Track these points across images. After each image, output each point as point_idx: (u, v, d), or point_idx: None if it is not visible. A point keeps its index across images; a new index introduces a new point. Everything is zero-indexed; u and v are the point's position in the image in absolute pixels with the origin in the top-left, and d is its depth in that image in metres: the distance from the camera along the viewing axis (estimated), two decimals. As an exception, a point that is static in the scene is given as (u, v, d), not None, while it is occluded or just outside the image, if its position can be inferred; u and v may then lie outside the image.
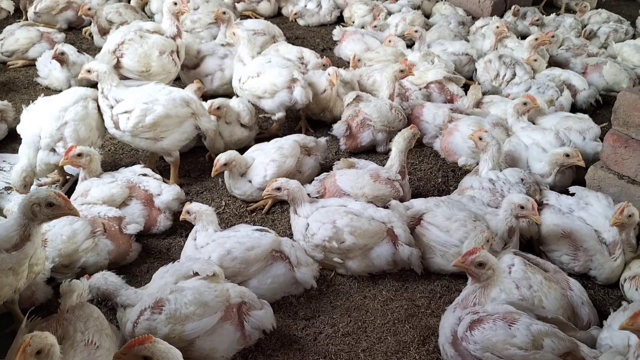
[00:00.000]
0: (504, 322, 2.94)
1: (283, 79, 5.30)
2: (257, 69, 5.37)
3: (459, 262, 3.14)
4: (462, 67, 7.01)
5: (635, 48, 7.28)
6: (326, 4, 8.69)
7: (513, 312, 3.02)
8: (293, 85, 5.36)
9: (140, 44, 5.39)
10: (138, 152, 5.25)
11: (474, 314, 3.04)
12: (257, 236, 3.67)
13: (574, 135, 5.02)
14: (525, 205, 3.77)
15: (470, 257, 3.10)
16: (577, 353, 2.90)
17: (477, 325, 2.97)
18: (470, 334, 2.97)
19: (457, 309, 3.15)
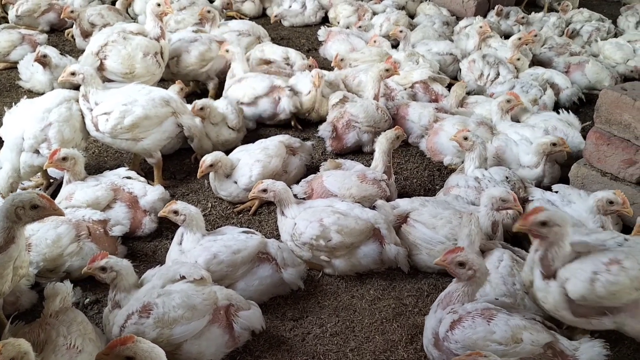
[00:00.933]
0: (482, 319, 2.97)
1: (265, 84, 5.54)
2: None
3: (440, 261, 3.15)
4: (447, 67, 7.05)
5: (616, 46, 7.38)
6: (311, 5, 8.70)
7: (491, 308, 3.04)
8: (279, 95, 5.52)
9: (123, 45, 5.35)
10: (122, 155, 5.21)
11: (454, 313, 3.06)
12: (244, 238, 3.66)
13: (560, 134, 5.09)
14: (505, 198, 3.81)
15: (451, 256, 3.11)
16: (556, 346, 2.93)
17: (457, 324, 2.99)
18: (451, 333, 2.99)
19: (438, 309, 3.16)
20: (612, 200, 3.72)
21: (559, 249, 3.04)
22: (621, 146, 4.24)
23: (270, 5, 8.95)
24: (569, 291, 2.95)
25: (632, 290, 2.91)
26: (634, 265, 2.91)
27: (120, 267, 3.20)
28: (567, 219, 3.07)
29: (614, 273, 2.90)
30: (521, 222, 3.13)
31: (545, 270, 3.06)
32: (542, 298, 3.09)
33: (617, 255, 2.96)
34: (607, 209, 3.75)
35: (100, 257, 3.20)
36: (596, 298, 2.91)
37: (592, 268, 2.94)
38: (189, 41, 5.97)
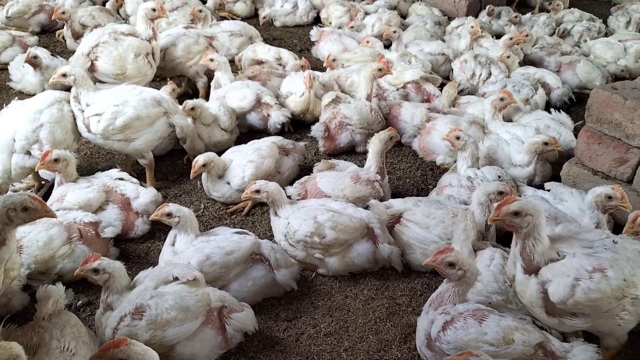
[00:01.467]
0: (474, 320, 2.96)
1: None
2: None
3: (430, 261, 3.15)
4: (439, 67, 7.07)
5: (607, 45, 7.42)
6: (303, 5, 8.70)
7: (483, 309, 3.05)
8: (268, 112, 5.54)
9: (115, 46, 5.33)
10: (114, 156, 5.19)
11: (446, 314, 3.06)
12: (237, 239, 3.65)
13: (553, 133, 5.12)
14: (503, 190, 3.84)
15: (441, 256, 3.11)
16: (547, 346, 2.94)
17: (449, 325, 2.99)
18: (443, 334, 2.99)
19: (430, 310, 3.16)
20: (610, 196, 3.73)
21: (535, 241, 3.02)
22: (612, 145, 4.26)
23: (262, 5, 8.94)
24: (550, 293, 2.93)
25: (613, 300, 2.90)
26: (618, 275, 2.89)
27: (113, 268, 3.18)
28: (540, 209, 3.05)
29: (596, 281, 2.87)
30: (494, 213, 3.12)
31: (527, 265, 3.05)
32: (521, 292, 3.09)
33: (602, 262, 2.93)
34: (606, 204, 3.75)
35: (92, 259, 3.19)
36: (575, 304, 2.89)
37: (574, 274, 2.91)
38: (176, 35, 5.95)
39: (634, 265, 2.95)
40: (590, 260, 2.96)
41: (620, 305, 2.93)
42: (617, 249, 3.02)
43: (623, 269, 2.92)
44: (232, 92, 5.57)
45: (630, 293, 2.92)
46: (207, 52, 5.73)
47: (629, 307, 2.95)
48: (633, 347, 3.50)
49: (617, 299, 2.91)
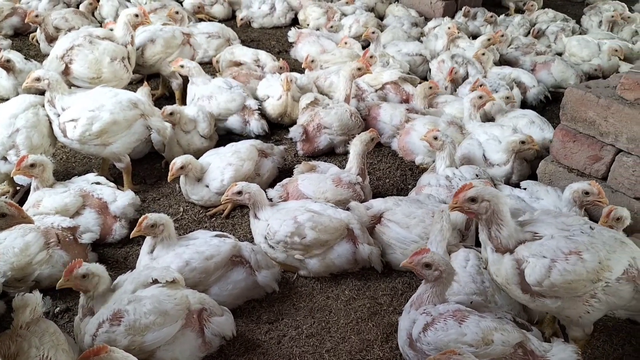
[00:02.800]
0: (454, 321, 2.97)
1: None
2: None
3: (406, 263, 3.16)
4: (417, 67, 7.13)
5: (583, 43, 7.53)
6: (280, 6, 8.68)
7: (463, 309, 3.05)
8: (248, 118, 5.54)
9: (90, 50, 5.25)
10: (91, 160, 5.13)
11: (427, 315, 3.07)
12: (216, 243, 3.62)
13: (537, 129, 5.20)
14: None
15: (417, 257, 3.12)
16: (526, 345, 2.95)
17: (430, 327, 3.00)
18: (424, 335, 3.00)
19: (411, 310, 3.18)
20: (587, 191, 3.79)
21: (499, 226, 3.04)
22: (587, 143, 4.34)
23: (239, 7, 8.91)
24: (527, 275, 2.96)
25: (589, 283, 2.93)
26: (594, 258, 2.93)
27: (100, 271, 3.14)
28: (498, 195, 3.07)
29: (571, 263, 2.91)
30: (453, 201, 3.16)
31: (497, 248, 3.08)
32: (495, 272, 3.10)
33: (578, 246, 2.96)
34: (583, 200, 3.81)
35: (76, 265, 3.11)
36: (551, 285, 2.93)
37: (551, 255, 2.94)
38: (153, 31, 5.88)
39: (610, 250, 2.98)
40: (568, 242, 2.98)
41: (594, 289, 2.97)
42: (594, 234, 3.05)
43: (599, 252, 2.95)
44: (220, 95, 5.50)
45: (605, 277, 2.95)
46: (177, 59, 5.66)
47: (601, 295, 2.99)
48: (635, 336, 3.60)
49: (592, 282, 2.94)
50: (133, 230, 3.58)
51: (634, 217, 3.99)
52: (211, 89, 5.55)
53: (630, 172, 4.10)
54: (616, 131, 4.11)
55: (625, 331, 3.66)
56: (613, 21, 8.56)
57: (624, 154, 4.14)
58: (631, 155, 4.09)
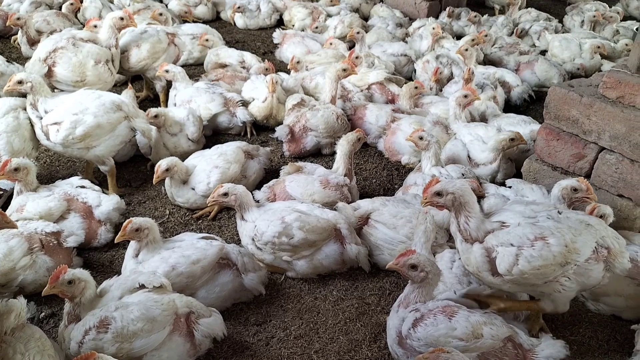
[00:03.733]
0: (444, 316, 3.01)
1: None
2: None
3: (392, 265, 3.18)
4: (402, 67, 7.15)
5: (564, 44, 7.60)
6: (265, 7, 8.67)
7: (452, 305, 3.09)
8: (234, 110, 5.54)
9: (74, 52, 5.20)
10: (75, 164, 5.08)
11: (416, 312, 3.10)
12: (203, 246, 3.59)
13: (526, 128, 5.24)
14: (472, 188, 3.88)
15: (403, 259, 3.15)
16: (515, 339, 3.01)
17: (420, 322, 3.03)
18: (414, 330, 3.03)
19: (399, 309, 3.20)
20: (576, 188, 3.82)
21: (467, 218, 3.12)
22: (570, 141, 4.38)
23: (224, 9, 8.88)
24: (497, 265, 3.02)
25: (557, 267, 2.99)
26: (559, 242, 2.97)
27: (86, 277, 3.11)
28: (463, 187, 3.13)
29: (538, 249, 2.96)
30: (423, 196, 3.24)
31: (466, 239, 3.15)
32: (466, 261, 3.17)
33: (543, 231, 3.01)
34: (572, 196, 3.84)
35: (62, 271, 3.06)
36: (520, 273, 2.98)
37: (517, 242, 2.99)
38: (138, 33, 5.83)
39: (575, 233, 3.03)
40: (533, 229, 3.03)
41: (564, 272, 3.03)
42: (561, 219, 3.11)
43: (564, 236, 3.00)
44: (199, 97, 5.50)
45: (572, 259, 3.00)
46: (162, 64, 5.64)
47: (571, 275, 3.05)
48: (620, 332, 3.65)
49: (560, 266, 3.00)
50: (117, 235, 3.55)
51: (617, 214, 4.04)
52: (191, 92, 5.54)
53: (613, 169, 4.15)
54: (599, 129, 4.16)
55: (610, 327, 3.70)
56: (595, 21, 8.66)
57: (607, 151, 4.19)
58: (614, 153, 4.13)
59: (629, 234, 3.95)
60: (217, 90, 5.65)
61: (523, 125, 5.26)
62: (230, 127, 5.67)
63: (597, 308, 3.80)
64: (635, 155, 4.01)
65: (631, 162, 4.05)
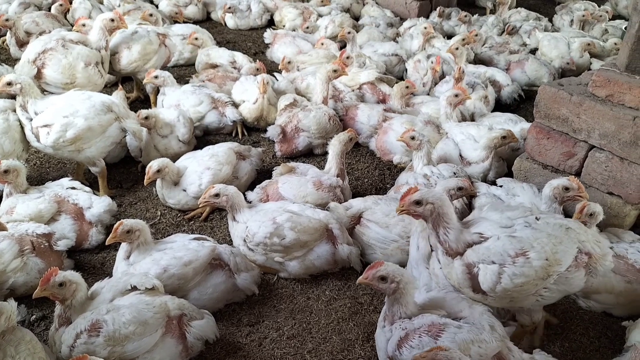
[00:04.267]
0: (429, 337, 2.85)
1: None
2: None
3: (362, 279, 3.05)
4: (393, 67, 7.16)
5: (553, 43, 7.65)
6: (256, 8, 8.67)
7: (437, 323, 2.91)
8: (223, 109, 5.56)
9: (64, 54, 5.17)
10: (65, 165, 5.05)
11: (402, 329, 2.95)
12: (195, 247, 3.58)
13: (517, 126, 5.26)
14: (462, 186, 3.93)
15: (372, 271, 3.02)
16: (505, 357, 2.86)
17: (404, 343, 2.89)
18: (399, 352, 2.89)
19: (385, 324, 3.07)
20: (567, 187, 3.84)
21: (446, 230, 3.05)
22: (560, 139, 4.40)
23: (214, 9, 8.86)
24: (480, 283, 2.96)
25: (539, 281, 2.94)
26: (540, 256, 2.92)
27: (77, 279, 3.09)
28: (442, 198, 3.09)
29: (519, 265, 2.91)
30: (400, 204, 3.15)
31: (448, 251, 3.08)
32: (447, 274, 3.11)
33: (524, 245, 2.94)
34: (564, 195, 3.85)
35: (53, 273, 3.03)
36: (504, 290, 2.93)
37: (499, 260, 2.93)
38: (129, 34, 5.80)
39: (555, 242, 2.96)
40: (513, 243, 2.95)
41: (545, 284, 2.98)
42: (539, 226, 3.03)
43: (545, 248, 2.93)
44: (186, 100, 5.48)
45: (554, 271, 2.95)
46: (150, 70, 5.61)
47: (551, 285, 3.00)
48: (611, 329, 3.68)
49: (542, 280, 2.95)
50: (108, 237, 3.53)
51: (607, 211, 4.07)
52: (178, 96, 5.52)
53: (603, 167, 4.18)
54: (589, 128, 4.19)
55: (601, 324, 3.73)
56: (584, 20, 8.72)
57: (596, 149, 4.21)
58: (603, 151, 4.16)
59: (618, 232, 3.99)
60: (204, 91, 5.64)
61: (511, 124, 5.29)
62: (221, 127, 5.66)
63: (588, 305, 3.83)
64: (624, 153, 4.04)
65: (620, 159, 4.08)
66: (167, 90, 5.58)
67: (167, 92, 5.58)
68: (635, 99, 4.01)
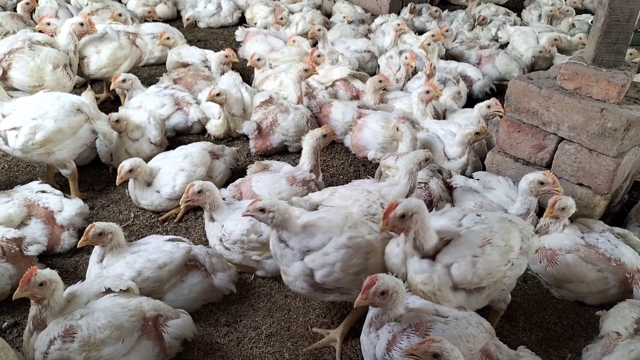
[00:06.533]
0: (418, 336, 2.79)
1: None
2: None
3: (361, 300, 2.86)
4: (365, 64, 7.19)
5: (523, 37, 7.77)
6: (226, 5, 8.61)
7: (425, 321, 2.87)
8: (187, 109, 5.50)
9: (31, 56, 5.05)
10: (35, 168, 4.95)
11: (389, 332, 2.88)
12: (169, 249, 3.53)
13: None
14: (428, 157, 4.01)
15: (372, 289, 2.83)
16: (492, 355, 2.90)
17: (393, 346, 2.83)
18: (389, 356, 2.83)
19: (371, 331, 2.95)
20: (542, 181, 3.90)
21: (424, 233, 3.03)
22: (530, 132, 4.47)
23: (184, 7, 8.78)
24: (454, 275, 3.02)
25: (502, 266, 3.10)
26: (500, 242, 3.10)
27: (56, 277, 3.01)
28: (421, 204, 3.05)
29: (487, 253, 3.05)
30: (383, 222, 3.02)
31: (421, 254, 3.07)
32: (424, 280, 3.04)
33: (485, 235, 3.10)
34: (539, 189, 3.92)
35: (33, 273, 2.95)
36: (477, 279, 3.04)
37: (470, 252, 3.04)
38: (97, 37, 5.68)
39: (506, 231, 3.18)
40: (476, 235, 3.12)
41: (505, 271, 3.13)
42: (486, 221, 3.23)
43: (502, 236, 3.14)
44: (148, 103, 5.38)
45: (511, 257, 3.14)
46: (117, 75, 5.50)
47: (509, 272, 3.18)
48: (583, 317, 3.73)
49: (504, 265, 3.11)
50: (80, 240, 3.47)
51: (577, 202, 4.15)
52: (140, 99, 5.44)
53: (572, 159, 4.26)
54: (558, 120, 4.26)
55: (574, 312, 3.80)
56: (552, 15, 8.88)
57: (566, 142, 4.29)
58: (573, 143, 4.24)
59: (589, 222, 4.08)
60: (168, 92, 5.56)
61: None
62: (189, 127, 5.59)
63: (561, 295, 3.90)
64: (593, 145, 4.12)
65: (589, 151, 4.16)
66: (134, 93, 5.50)
67: (134, 94, 5.50)
68: (602, 91, 4.09)
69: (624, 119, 3.92)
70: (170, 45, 6.63)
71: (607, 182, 4.14)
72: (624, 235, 3.95)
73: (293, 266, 3.19)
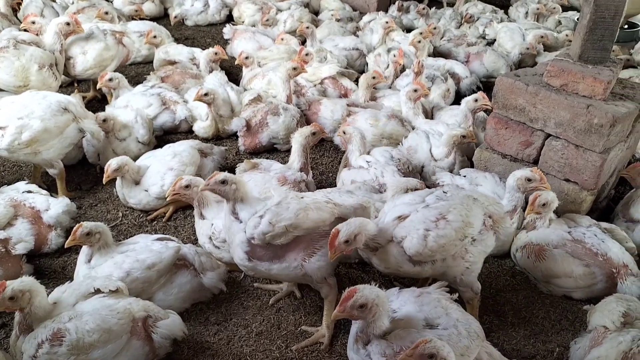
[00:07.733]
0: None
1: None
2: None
3: (338, 313, 2.76)
4: (354, 61, 7.19)
5: (510, 34, 7.82)
6: (214, 3, 8.58)
7: (416, 339, 2.66)
8: (174, 108, 5.48)
9: (17, 56, 4.99)
10: (21, 168, 4.90)
11: (381, 356, 2.76)
12: (158, 249, 3.51)
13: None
14: (418, 187, 3.97)
15: (350, 302, 2.72)
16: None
17: None
18: None
19: (359, 348, 2.85)
20: (530, 178, 3.92)
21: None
22: (518, 129, 4.50)
23: (171, 5, 8.73)
24: (406, 248, 3.15)
25: (457, 241, 3.19)
26: (457, 218, 3.19)
27: (28, 286, 2.93)
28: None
29: (441, 227, 3.15)
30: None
31: (372, 249, 3.22)
32: (384, 263, 3.24)
33: (442, 211, 3.21)
34: (527, 186, 3.94)
35: (0, 288, 2.87)
36: (429, 252, 3.14)
37: (423, 226, 3.15)
38: (83, 37, 5.62)
39: (467, 207, 3.27)
40: (432, 211, 3.23)
41: (463, 246, 3.24)
42: (449, 197, 3.34)
43: (460, 212, 3.22)
44: (135, 103, 5.33)
45: (469, 233, 3.23)
46: (103, 74, 5.46)
47: (471, 248, 3.28)
48: (571, 311, 3.76)
49: (460, 240, 3.21)
50: (68, 239, 3.44)
51: (564, 198, 4.19)
52: (127, 98, 5.39)
53: (559, 155, 4.29)
54: (545, 117, 4.29)
55: (561, 307, 3.84)
56: (538, 12, 8.93)
57: (553, 138, 4.32)
58: (559, 139, 4.27)
59: (576, 217, 4.11)
60: (154, 91, 5.52)
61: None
62: (177, 126, 5.56)
63: (549, 289, 3.94)
64: (579, 141, 4.15)
65: (576, 147, 4.19)
66: (120, 92, 5.46)
67: (120, 93, 5.46)
68: (589, 88, 4.13)
69: (609, 115, 3.95)
70: (157, 44, 6.59)
71: (594, 177, 4.18)
72: (611, 230, 3.99)
73: (236, 237, 3.26)
